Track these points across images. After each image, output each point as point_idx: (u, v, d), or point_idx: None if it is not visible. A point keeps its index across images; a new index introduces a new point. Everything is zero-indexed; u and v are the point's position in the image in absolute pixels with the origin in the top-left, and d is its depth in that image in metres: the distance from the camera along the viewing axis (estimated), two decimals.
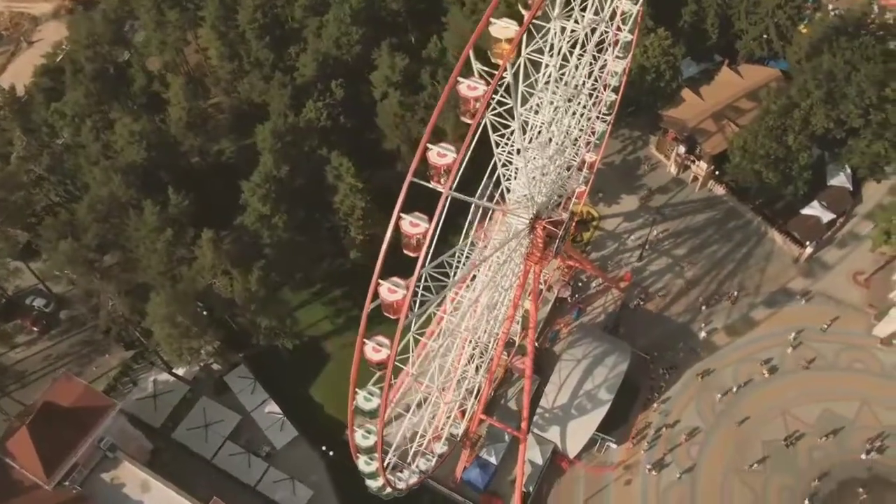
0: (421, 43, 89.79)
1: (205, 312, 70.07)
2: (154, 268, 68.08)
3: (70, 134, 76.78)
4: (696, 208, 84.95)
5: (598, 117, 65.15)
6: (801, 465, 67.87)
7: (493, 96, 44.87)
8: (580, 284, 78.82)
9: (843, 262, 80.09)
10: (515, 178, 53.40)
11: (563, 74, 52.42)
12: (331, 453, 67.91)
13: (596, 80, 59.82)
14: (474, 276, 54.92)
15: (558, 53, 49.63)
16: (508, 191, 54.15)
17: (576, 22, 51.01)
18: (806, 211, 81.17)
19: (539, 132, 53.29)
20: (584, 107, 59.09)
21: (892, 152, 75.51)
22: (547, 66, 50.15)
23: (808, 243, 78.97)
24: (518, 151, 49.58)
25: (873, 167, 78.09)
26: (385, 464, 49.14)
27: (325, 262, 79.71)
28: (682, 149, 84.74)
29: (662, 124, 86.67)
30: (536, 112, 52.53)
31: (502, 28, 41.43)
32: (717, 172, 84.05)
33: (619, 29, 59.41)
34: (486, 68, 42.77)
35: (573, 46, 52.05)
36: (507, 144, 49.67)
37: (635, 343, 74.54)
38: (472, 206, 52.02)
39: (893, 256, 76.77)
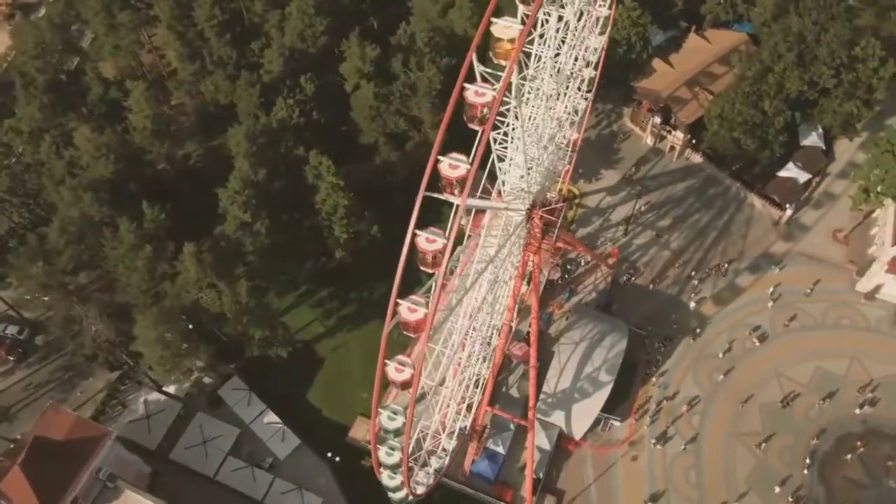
0: (384, 28, 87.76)
1: (190, 326, 67.82)
2: (135, 286, 65.47)
3: (29, 151, 72.73)
4: (676, 178, 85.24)
5: (582, 97, 64.24)
6: (798, 424, 69.41)
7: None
8: (569, 266, 78.57)
9: (821, 221, 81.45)
10: (509, 170, 52.28)
11: (556, 63, 51.22)
12: (336, 459, 66.89)
13: (576, 60, 58.80)
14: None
15: (553, 41, 48.29)
16: (504, 184, 53.01)
17: (562, 7, 49.70)
18: (782, 173, 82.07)
19: (536, 124, 52.19)
20: (570, 88, 58.12)
21: (864, 110, 76.52)
22: (540, 57, 48.76)
23: (787, 206, 80.00)
24: (516, 147, 48.28)
25: (846, 126, 79.11)
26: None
27: (308, 263, 77.84)
28: (657, 119, 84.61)
29: (636, 96, 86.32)
30: (529, 103, 51.32)
31: (504, 27, 39.87)
32: (693, 141, 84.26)
33: (599, 5, 58.35)
34: (488, 70, 41.20)
35: (559, 31, 50.76)
36: (504, 141, 48.32)
37: (628, 318, 74.89)
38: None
39: (870, 212, 78.23)
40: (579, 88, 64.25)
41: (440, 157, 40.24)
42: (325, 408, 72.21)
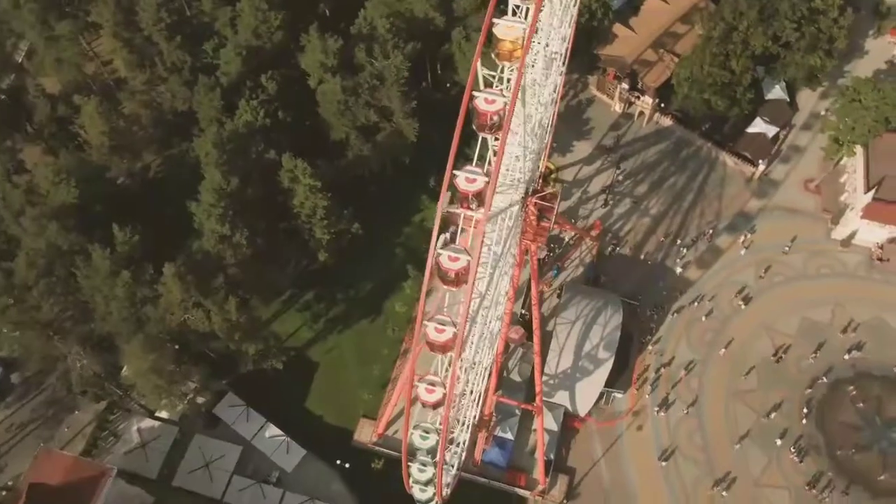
0: (337, 16, 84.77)
1: (176, 347, 65.34)
2: (116, 315, 62.45)
3: None
4: (648, 143, 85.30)
5: (560, 73, 63.11)
6: (792, 376, 71.20)
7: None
8: (551, 244, 78.11)
9: (791, 173, 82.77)
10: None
11: (547, 55, 49.88)
12: (346, 465, 65.98)
13: (563, 41, 57.52)
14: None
15: (545, 31, 46.88)
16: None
17: None
18: (751, 129, 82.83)
19: (529, 114, 50.88)
20: (553, 70, 56.88)
21: (827, 61, 77.48)
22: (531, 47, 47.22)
23: (759, 161, 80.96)
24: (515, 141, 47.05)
25: (810, 77, 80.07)
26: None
27: (289, 267, 75.63)
28: (625, 86, 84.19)
29: (601, 64, 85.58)
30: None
31: (507, 28, 38.16)
32: (661, 104, 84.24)
33: None
34: (490, 72, 39.61)
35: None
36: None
37: (618, 289, 75.27)
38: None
39: (839, 160, 79.65)
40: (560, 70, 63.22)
41: (455, 172, 38.41)
42: (325, 413, 70.88)
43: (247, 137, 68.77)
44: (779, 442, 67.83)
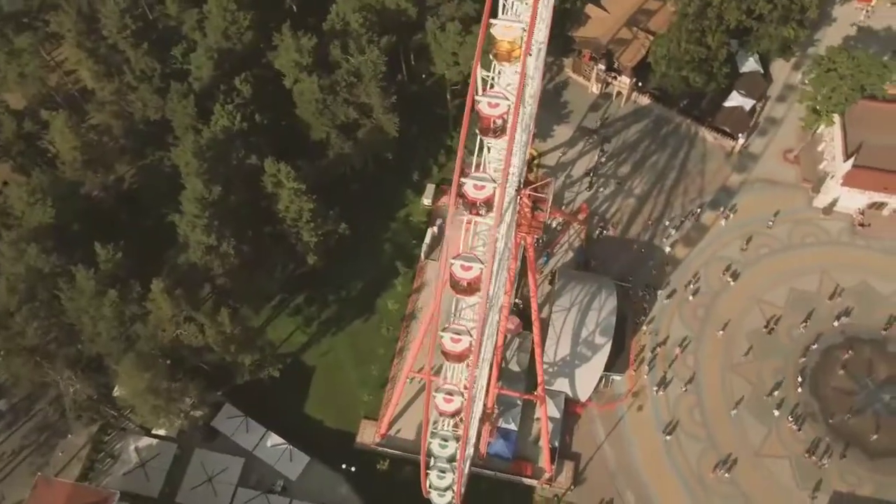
0: (304, 11, 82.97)
1: (168, 362, 63.91)
2: (105, 335, 60.78)
3: None
4: (628, 123, 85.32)
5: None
6: (784, 346, 72.24)
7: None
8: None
9: (770, 145, 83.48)
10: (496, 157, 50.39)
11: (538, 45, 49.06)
12: (352, 469, 65.52)
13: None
14: None
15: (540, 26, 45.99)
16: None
17: None
18: (728, 103, 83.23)
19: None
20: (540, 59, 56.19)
21: (800, 31, 77.94)
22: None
23: (739, 135, 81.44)
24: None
25: (783, 48, 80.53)
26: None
27: (277, 271, 74.27)
28: (601, 66, 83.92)
29: (575, 46, 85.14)
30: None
31: (504, 28, 37.24)
32: (639, 83, 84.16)
33: None
34: (487, 73, 38.75)
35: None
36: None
37: (608, 272, 75.54)
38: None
39: (816, 129, 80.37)
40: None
41: (464, 179, 37.63)
42: (326, 417, 70.16)
43: (226, 143, 67.09)
44: (776, 412, 68.94)
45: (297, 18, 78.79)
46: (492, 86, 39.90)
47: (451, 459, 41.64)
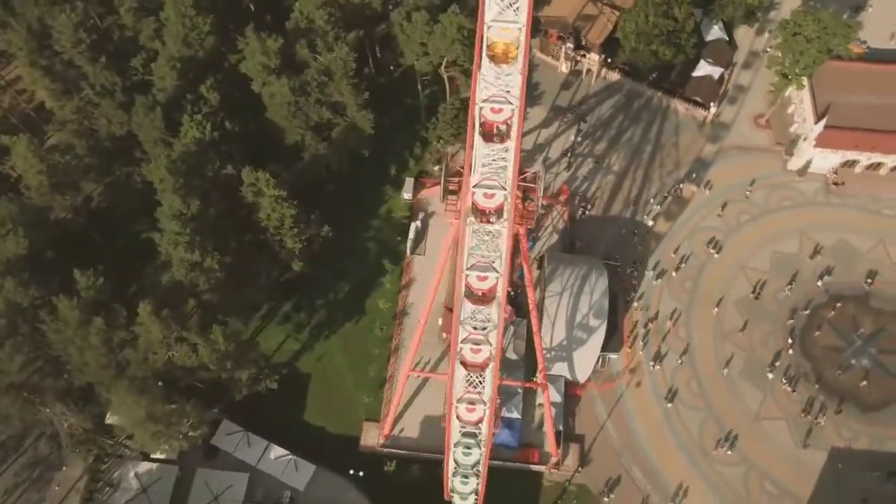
0: (262, 9, 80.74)
1: (160, 384, 62.37)
2: (94, 363, 58.85)
3: None
4: (600, 100, 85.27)
5: None
6: (772, 310, 73.51)
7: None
8: None
9: (741, 112, 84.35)
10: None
11: None
12: (360, 474, 65.00)
13: None
14: None
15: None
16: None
17: None
18: (697, 73, 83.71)
19: None
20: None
21: None
22: None
23: (711, 104, 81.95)
24: None
25: (748, 15, 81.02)
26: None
27: (262, 280, 72.69)
28: (569, 45, 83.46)
29: (542, 26, 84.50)
30: None
31: (501, 30, 36.26)
32: (608, 59, 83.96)
33: None
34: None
35: None
36: None
37: (594, 251, 75.84)
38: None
39: (784, 93, 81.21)
40: None
41: (473, 189, 36.85)
42: (327, 424, 69.34)
43: (199, 155, 64.98)
44: (770, 375, 70.27)
45: (256, 18, 76.62)
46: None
47: (475, 465, 41.39)
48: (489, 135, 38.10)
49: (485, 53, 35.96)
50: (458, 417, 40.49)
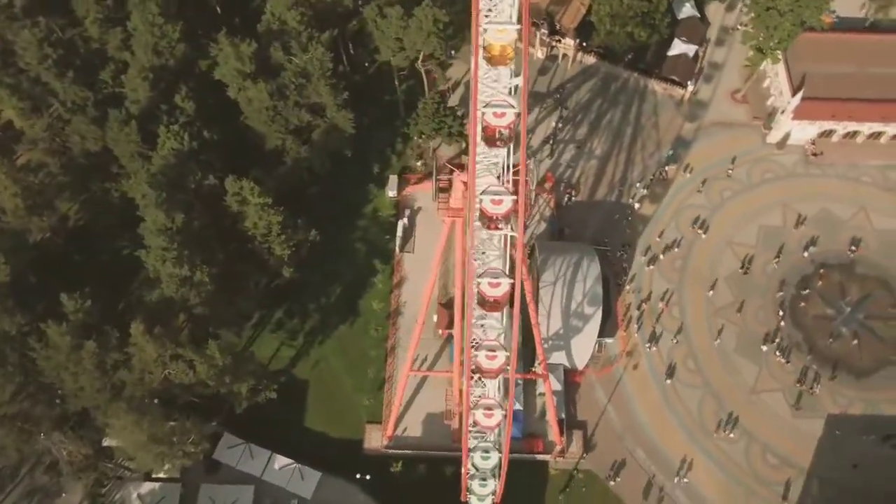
0: (230, 12, 79.18)
1: (156, 401, 61.31)
2: (88, 388, 57.57)
3: None
4: (577, 84, 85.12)
5: None
6: (761, 284, 74.37)
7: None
8: None
9: (717, 88, 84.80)
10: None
11: None
12: (367, 477, 64.71)
13: None
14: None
15: None
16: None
17: None
18: (672, 52, 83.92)
19: None
20: None
21: None
22: None
23: (688, 83, 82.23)
24: None
25: None
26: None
27: (252, 288, 71.62)
28: (544, 31, 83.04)
29: None
30: None
31: (498, 32, 35.63)
32: (583, 43, 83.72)
33: None
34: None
35: None
36: None
37: (583, 237, 75.97)
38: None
39: (759, 67, 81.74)
40: None
41: (481, 196, 36.36)
42: (329, 429, 68.72)
43: (178, 167, 63.56)
44: (764, 348, 71.17)
45: (224, 21, 74.96)
46: None
47: (494, 471, 41.32)
48: (492, 139, 37.58)
49: (481, 56, 35.37)
50: (475, 423, 40.16)
